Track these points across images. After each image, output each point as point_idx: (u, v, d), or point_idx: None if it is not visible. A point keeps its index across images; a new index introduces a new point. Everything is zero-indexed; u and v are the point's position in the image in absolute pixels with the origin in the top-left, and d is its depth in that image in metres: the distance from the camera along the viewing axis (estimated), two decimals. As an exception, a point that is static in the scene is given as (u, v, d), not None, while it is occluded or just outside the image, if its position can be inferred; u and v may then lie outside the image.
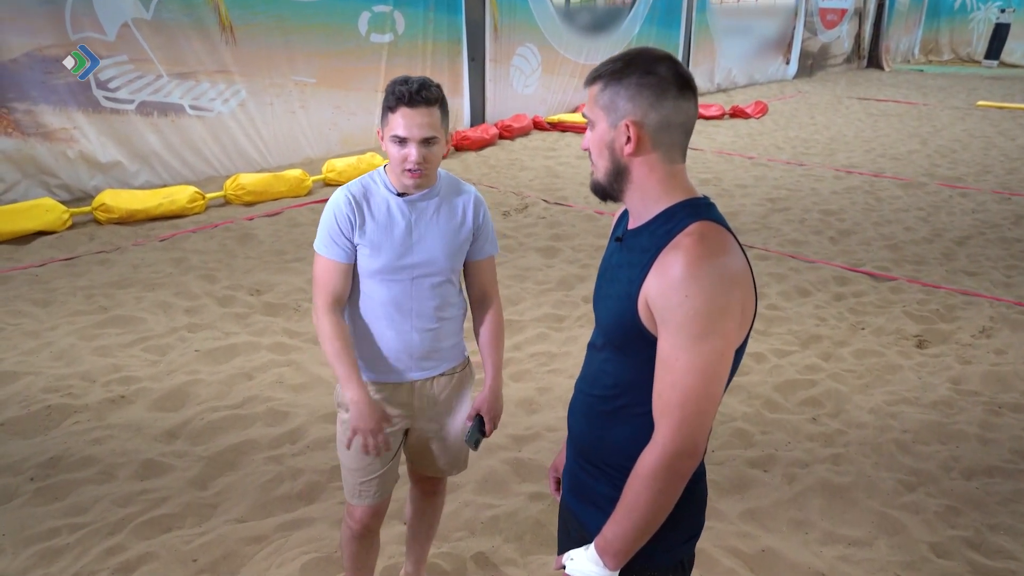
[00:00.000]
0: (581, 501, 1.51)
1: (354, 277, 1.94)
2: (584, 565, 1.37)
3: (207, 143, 7.42)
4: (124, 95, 6.71)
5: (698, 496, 1.45)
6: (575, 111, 11.34)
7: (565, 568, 1.41)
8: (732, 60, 15.50)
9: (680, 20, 13.78)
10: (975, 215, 6.86)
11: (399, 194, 1.91)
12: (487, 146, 9.43)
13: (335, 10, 8.21)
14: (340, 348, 1.88)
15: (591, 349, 1.50)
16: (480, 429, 2.04)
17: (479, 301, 2.12)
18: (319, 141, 8.46)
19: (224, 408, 3.46)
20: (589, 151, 1.37)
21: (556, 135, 10.42)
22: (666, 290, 1.22)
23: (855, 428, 3.46)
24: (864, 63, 20.76)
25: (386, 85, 1.85)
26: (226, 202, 6.71)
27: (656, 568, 1.42)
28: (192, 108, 7.24)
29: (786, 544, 2.71)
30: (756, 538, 2.73)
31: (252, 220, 6.26)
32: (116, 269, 5.08)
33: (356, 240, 1.89)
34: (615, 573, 1.36)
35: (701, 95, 13.64)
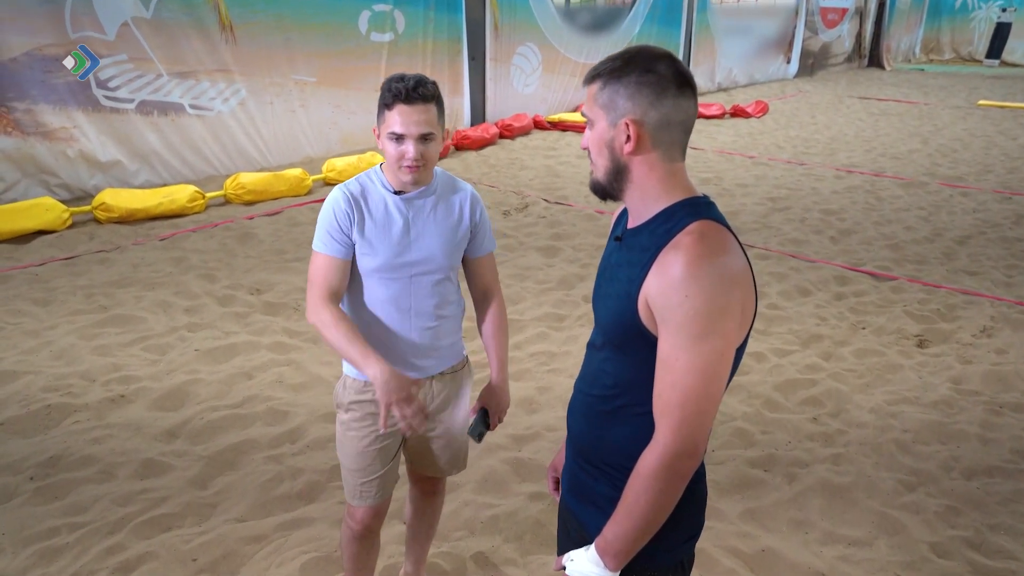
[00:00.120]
0: (581, 501, 1.51)
1: (352, 276, 1.94)
2: (584, 566, 1.37)
3: (207, 142, 7.42)
4: (124, 94, 6.71)
5: (698, 496, 1.45)
6: (575, 110, 11.33)
7: (565, 569, 1.41)
8: (733, 59, 15.50)
9: (680, 19, 13.78)
10: (976, 214, 6.86)
11: (396, 192, 1.91)
12: (487, 145, 9.43)
13: (335, 9, 8.20)
14: (347, 330, 1.82)
15: (590, 349, 1.49)
16: (484, 422, 2.04)
17: (481, 297, 2.12)
18: (319, 140, 8.46)
19: (224, 407, 3.46)
20: (588, 150, 1.37)
21: (556, 134, 10.41)
22: (666, 290, 1.22)
23: (855, 428, 3.45)
24: (865, 62, 20.77)
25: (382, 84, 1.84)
26: (226, 201, 6.71)
27: (656, 568, 1.42)
28: (192, 107, 7.23)
29: (786, 544, 2.71)
30: (756, 538, 2.73)
31: (252, 219, 6.26)
32: (116, 268, 5.07)
33: (354, 237, 1.88)
34: (616, 574, 1.35)
35: (702, 94, 13.65)
